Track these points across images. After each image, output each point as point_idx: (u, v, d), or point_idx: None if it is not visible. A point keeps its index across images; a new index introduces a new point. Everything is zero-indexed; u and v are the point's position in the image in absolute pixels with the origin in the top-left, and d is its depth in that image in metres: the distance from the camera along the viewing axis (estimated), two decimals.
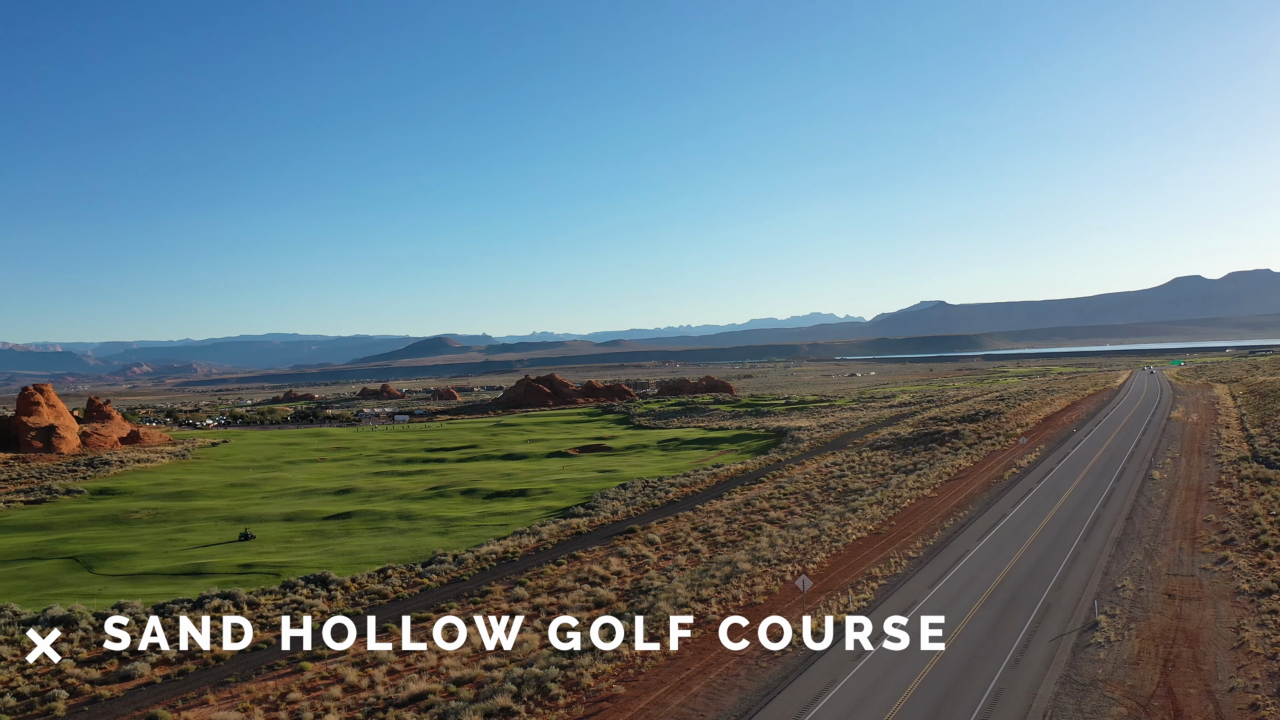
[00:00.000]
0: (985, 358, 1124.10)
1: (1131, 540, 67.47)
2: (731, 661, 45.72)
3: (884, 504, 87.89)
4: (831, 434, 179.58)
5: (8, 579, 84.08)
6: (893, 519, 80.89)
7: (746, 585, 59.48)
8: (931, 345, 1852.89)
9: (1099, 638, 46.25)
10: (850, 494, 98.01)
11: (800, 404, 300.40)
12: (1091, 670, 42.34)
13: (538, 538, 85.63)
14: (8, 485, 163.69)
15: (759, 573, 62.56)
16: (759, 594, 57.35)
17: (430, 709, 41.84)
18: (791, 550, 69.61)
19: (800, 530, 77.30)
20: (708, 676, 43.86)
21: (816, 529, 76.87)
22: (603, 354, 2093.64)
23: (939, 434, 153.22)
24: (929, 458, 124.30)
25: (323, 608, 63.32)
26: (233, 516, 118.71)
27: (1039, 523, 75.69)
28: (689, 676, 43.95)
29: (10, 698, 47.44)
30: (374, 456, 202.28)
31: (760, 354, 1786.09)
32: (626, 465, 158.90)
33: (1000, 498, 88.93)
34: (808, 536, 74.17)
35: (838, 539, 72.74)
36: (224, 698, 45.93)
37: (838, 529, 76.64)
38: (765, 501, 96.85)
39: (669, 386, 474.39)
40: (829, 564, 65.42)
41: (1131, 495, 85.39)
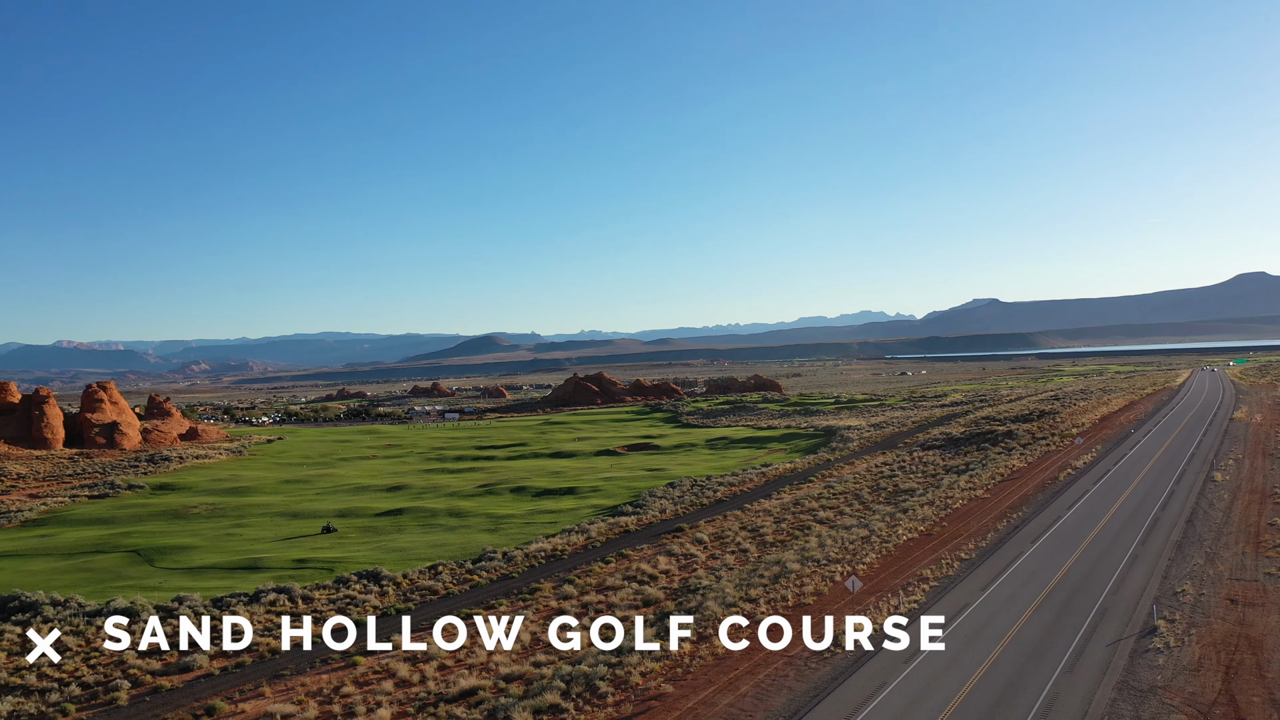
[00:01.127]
0: (1040, 356, 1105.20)
1: (1192, 544, 65.86)
2: (780, 662, 45.51)
3: (935, 504, 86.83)
4: (882, 433, 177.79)
5: (73, 571, 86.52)
6: (944, 520, 79.87)
7: (795, 585, 59.15)
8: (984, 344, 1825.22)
9: (1158, 643, 45.23)
10: (901, 494, 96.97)
11: (850, 403, 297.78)
12: (1150, 676, 41.43)
13: (586, 536, 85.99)
14: (73, 480, 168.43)
15: (808, 573, 62.18)
16: (808, 594, 57.00)
17: (480, 705, 42.24)
18: (841, 551, 69.08)
19: (850, 530, 76.67)
20: (756, 677, 43.71)
21: (866, 529, 76.19)
22: (651, 352, 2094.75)
23: (992, 434, 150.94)
24: (981, 458, 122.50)
25: (375, 603, 64.24)
26: (287, 512, 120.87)
27: (1095, 525, 74.22)
28: (737, 677, 43.84)
29: (75, 687, 48.86)
30: (425, 454, 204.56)
31: (809, 352, 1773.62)
32: (674, 464, 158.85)
33: (1055, 499, 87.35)
34: (857, 537, 73.55)
35: (888, 540, 72.02)
36: (279, 690, 46.82)
37: (888, 529, 75.89)
38: (814, 501, 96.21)
39: (717, 385, 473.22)
40: (879, 565, 64.81)
41: (1192, 498, 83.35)
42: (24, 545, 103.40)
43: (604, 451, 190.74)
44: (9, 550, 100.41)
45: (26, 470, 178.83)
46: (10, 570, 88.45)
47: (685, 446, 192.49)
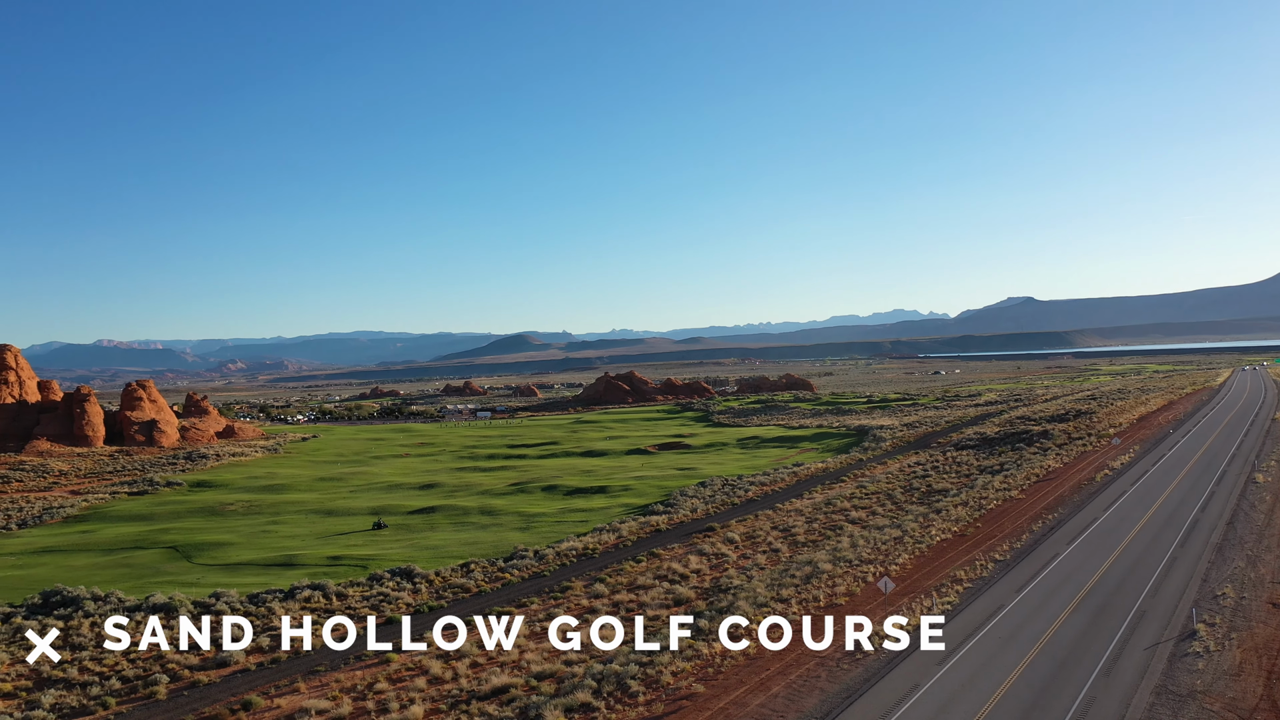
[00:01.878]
0: (1076, 355, 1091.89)
1: (1233, 546, 64.77)
2: (812, 663, 45.32)
3: (969, 505, 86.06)
4: (915, 433, 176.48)
5: (114, 567, 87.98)
6: (978, 521, 79.14)
7: (827, 586, 58.88)
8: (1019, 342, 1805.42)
9: (1197, 647, 44.54)
10: (934, 494, 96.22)
11: (882, 402, 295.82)
12: (1189, 681, 40.80)
13: (617, 535, 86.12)
14: (113, 477, 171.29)
15: (840, 573, 61.87)
16: (840, 595, 56.72)
17: (512, 702, 42.44)
18: (873, 551, 68.67)
19: (882, 531, 76.20)
20: (788, 677, 43.57)
21: (899, 530, 75.68)
22: (682, 351, 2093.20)
23: (1027, 434, 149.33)
24: (1016, 458, 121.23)
25: (408, 600, 64.75)
26: (322, 510, 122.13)
27: (1133, 527, 73.20)
28: (769, 677, 43.71)
29: (116, 680, 49.67)
30: (457, 452, 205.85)
31: (841, 351, 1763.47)
32: (706, 463, 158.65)
33: (1091, 500, 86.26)
34: (890, 537, 73.07)
35: (921, 540, 71.48)
36: (314, 686, 47.33)
37: (921, 530, 75.33)
38: (846, 501, 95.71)
39: (748, 384, 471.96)
40: (912, 566, 64.35)
41: (1233, 499, 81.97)
42: (66, 541, 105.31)
43: (635, 450, 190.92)
44: (52, 546, 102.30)
45: (68, 467, 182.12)
46: (53, 565, 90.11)
47: (716, 445, 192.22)
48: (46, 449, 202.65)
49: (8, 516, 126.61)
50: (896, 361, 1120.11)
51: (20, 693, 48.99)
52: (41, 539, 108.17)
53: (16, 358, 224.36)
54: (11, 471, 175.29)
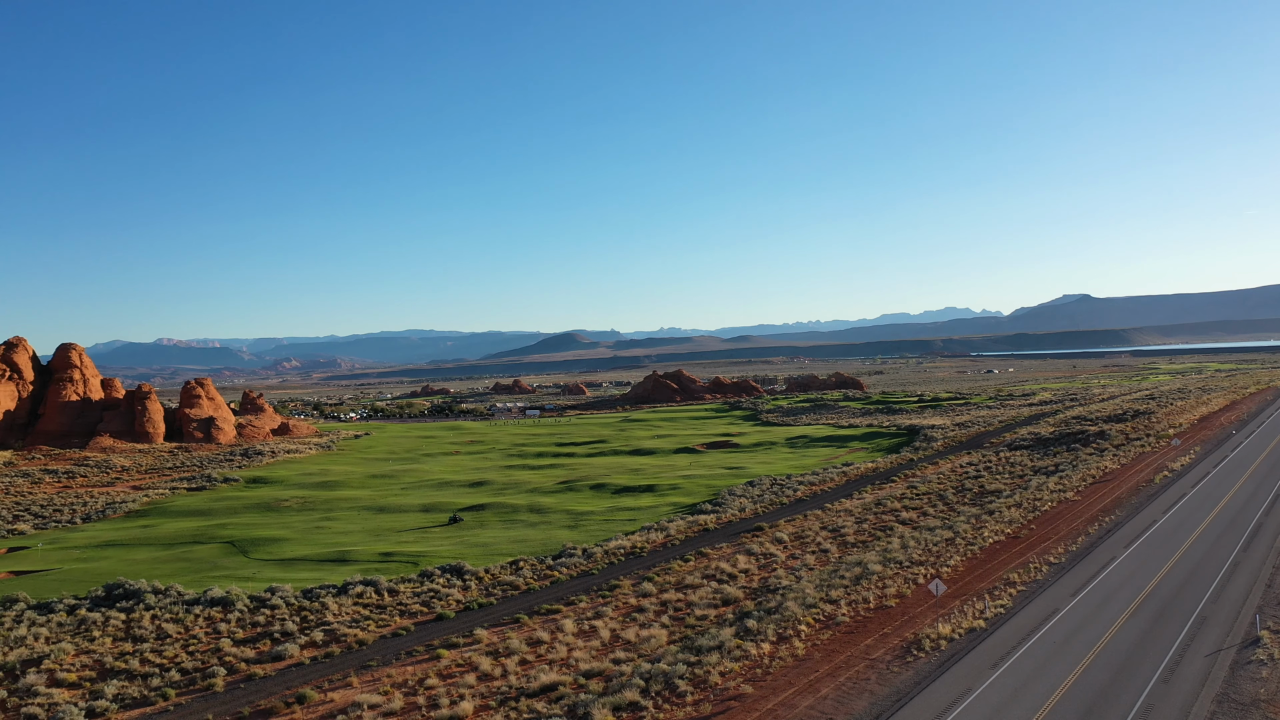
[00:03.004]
0: (1134, 354, 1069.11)
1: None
2: (861, 665, 44.92)
3: (1023, 506, 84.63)
4: (967, 433, 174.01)
5: (174, 561, 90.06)
6: (1032, 522, 77.80)
7: (877, 587, 58.30)
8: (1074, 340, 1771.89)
9: (1261, 655, 43.32)
10: (987, 495, 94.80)
11: (934, 401, 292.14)
12: (1252, 689, 39.71)
13: (665, 534, 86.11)
14: (173, 473, 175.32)
15: (890, 575, 61.23)
16: (890, 596, 56.13)
17: (560, 700, 42.63)
18: (924, 553, 67.84)
19: (933, 532, 75.24)
20: (837, 679, 43.23)
21: (951, 531, 74.67)
22: (730, 350, 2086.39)
23: (1083, 434, 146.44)
24: (1072, 459, 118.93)
25: (458, 597, 65.38)
26: (374, 506, 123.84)
27: (1193, 530, 71.43)
28: (818, 679, 43.41)
29: (175, 672, 50.83)
30: (506, 450, 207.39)
31: (892, 350, 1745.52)
32: (754, 462, 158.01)
33: (1150, 502, 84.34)
34: (941, 539, 72.14)
35: (973, 542, 70.45)
36: (366, 680, 48.00)
37: (973, 532, 74.26)
38: (897, 501, 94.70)
39: (797, 383, 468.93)
40: (964, 568, 63.44)
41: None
42: (128, 535, 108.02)
43: (683, 449, 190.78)
44: (115, 539, 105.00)
45: (130, 463, 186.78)
46: (115, 559, 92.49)
47: (765, 445, 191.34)
48: (110, 445, 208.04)
49: (73, 511, 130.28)
50: (948, 360, 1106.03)
51: (85, 683, 50.37)
52: (105, 533, 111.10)
53: (81, 356, 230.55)
54: (76, 467, 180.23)
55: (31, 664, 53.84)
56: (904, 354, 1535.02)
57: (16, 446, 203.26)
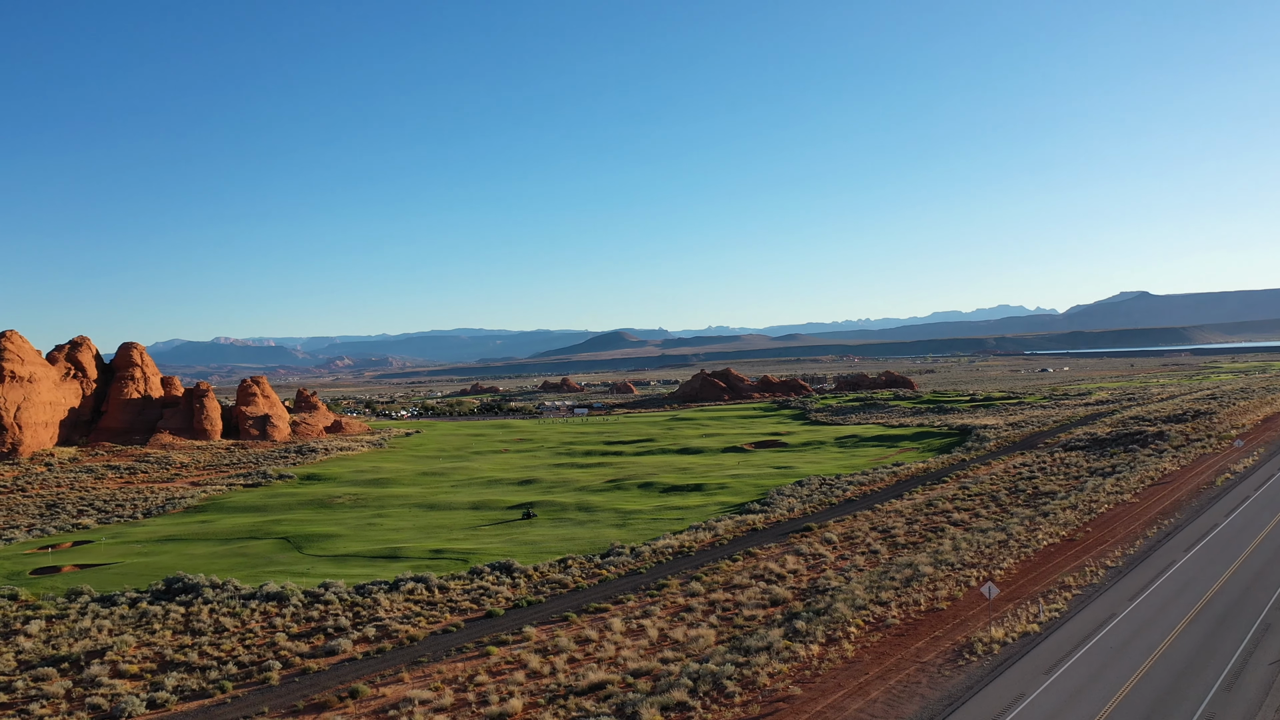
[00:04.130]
0: (1194, 352, 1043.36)
1: None
2: (912, 668, 44.45)
3: (1078, 508, 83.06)
4: (1020, 433, 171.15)
5: (230, 556, 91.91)
6: (1088, 525, 76.33)
7: (928, 589, 57.63)
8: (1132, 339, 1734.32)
9: None
10: (1041, 497, 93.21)
11: (986, 401, 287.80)
12: None
13: (713, 533, 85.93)
14: (229, 469, 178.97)
15: (941, 577, 60.49)
16: (941, 599, 55.45)
17: (609, 699, 42.76)
18: (976, 555, 66.90)
19: (986, 534, 74.18)
20: (887, 682, 42.82)
21: (1004, 533, 73.55)
22: (778, 348, 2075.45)
23: (1141, 434, 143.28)
24: (1129, 460, 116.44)
25: (507, 594, 65.89)
26: (424, 504, 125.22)
27: (1257, 533, 69.54)
28: (867, 681, 43.04)
29: (232, 665, 51.92)
30: (554, 448, 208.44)
31: (943, 348, 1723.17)
32: (803, 462, 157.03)
33: (1211, 505, 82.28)
34: (994, 541, 71.09)
35: (1027, 544, 69.33)
36: (417, 676, 48.60)
37: (1027, 534, 73.07)
38: (948, 502, 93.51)
39: (847, 382, 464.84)
40: (1017, 571, 62.46)
41: None
42: (187, 530, 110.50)
43: (731, 448, 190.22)
44: (174, 534, 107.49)
45: (189, 460, 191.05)
46: (175, 553, 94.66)
47: (814, 444, 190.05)
48: (169, 442, 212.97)
49: (134, 506, 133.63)
50: (1001, 359, 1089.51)
51: (146, 674, 51.66)
52: (164, 528, 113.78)
53: (142, 355, 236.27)
54: (137, 463, 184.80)
55: (95, 655, 55.34)
56: (956, 352, 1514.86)
57: (81, 443, 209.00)
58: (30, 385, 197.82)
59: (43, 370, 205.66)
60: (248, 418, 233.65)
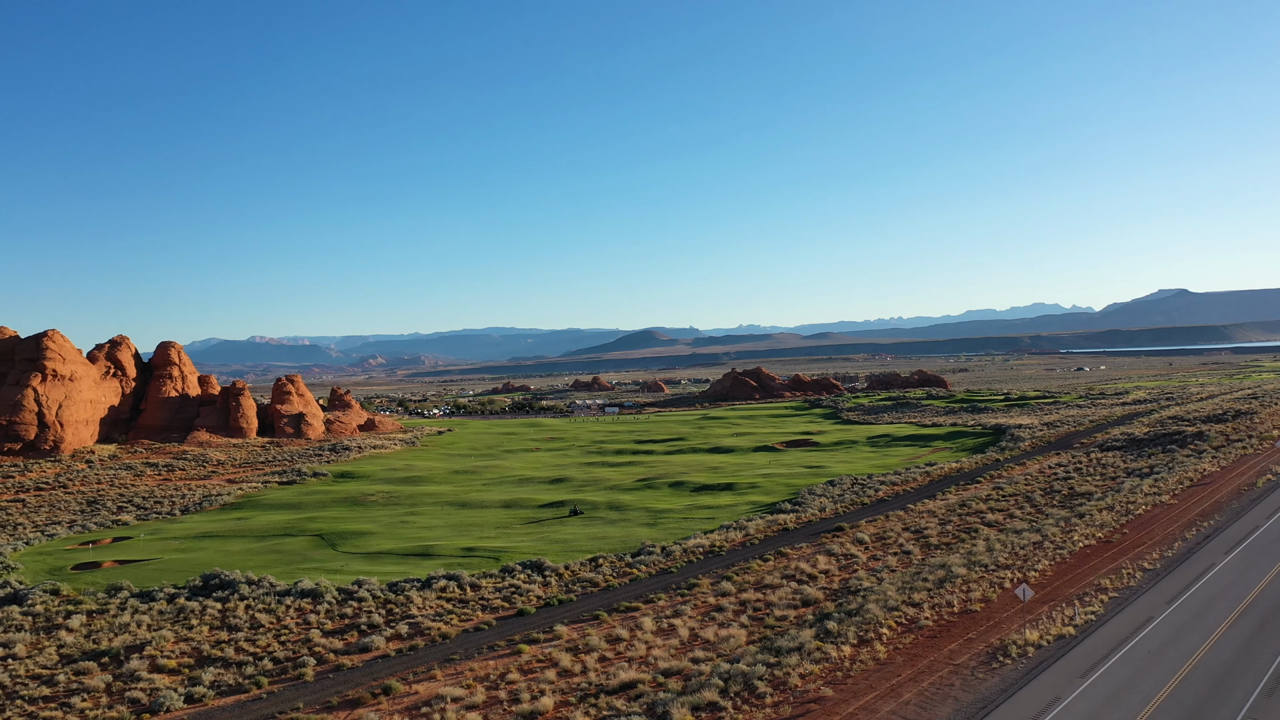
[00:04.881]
0: (1234, 351, 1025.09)
1: None
2: (945, 670, 44.10)
3: (1115, 510, 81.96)
4: (1056, 432, 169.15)
5: (266, 553, 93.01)
6: (1125, 526, 75.29)
7: (962, 591, 57.14)
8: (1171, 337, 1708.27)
9: None
10: (1077, 498, 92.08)
11: (1021, 400, 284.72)
12: None
13: (744, 533, 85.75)
14: (265, 467, 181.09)
15: (975, 578, 59.95)
16: (975, 601, 54.95)
17: (639, 698, 42.81)
18: (1011, 556, 66.24)
19: (1021, 535, 73.41)
20: (920, 684, 42.52)
21: (1039, 534, 72.75)
22: (810, 347, 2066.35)
23: (1180, 435, 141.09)
24: (1167, 460, 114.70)
25: (538, 593, 66.15)
26: (456, 502, 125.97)
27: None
28: (900, 683, 42.76)
29: (268, 661, 52.57)
30: (585, 447, 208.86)
31: (977, 347, 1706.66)
32: (834, 461, 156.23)
33: (1253, 507, 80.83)
34: (1029, 542, 70.33)
35: (1062, 546, 68.52)
36: (449, 674, 48.93)
37: (1062, 535, 72.21)
38: (982, 503, 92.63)
39: (879, 380, 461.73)
40: (1052, 572, 61.76)
41: None
42: (223, 527, 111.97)
43: (762, 447, 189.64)
44: (211, 531, 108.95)
45: (225, 457, 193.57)
46: (212, 550, 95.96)
47: (845, 444, 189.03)
48: (206, 439, 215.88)
49: (172, 503, 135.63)
50: (1036, 357, 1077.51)
51: (184, 669, 52.45)
52: (202, 524, 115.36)
53: (179, 354, 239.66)
54: (175, 460, 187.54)
55: (135, 650, 56.27)
56: (990, 351, 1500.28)
57: (120, 440, 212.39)
58: (71, 384, 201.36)
59: (83, 369, 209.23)
60: (283, 416, 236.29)
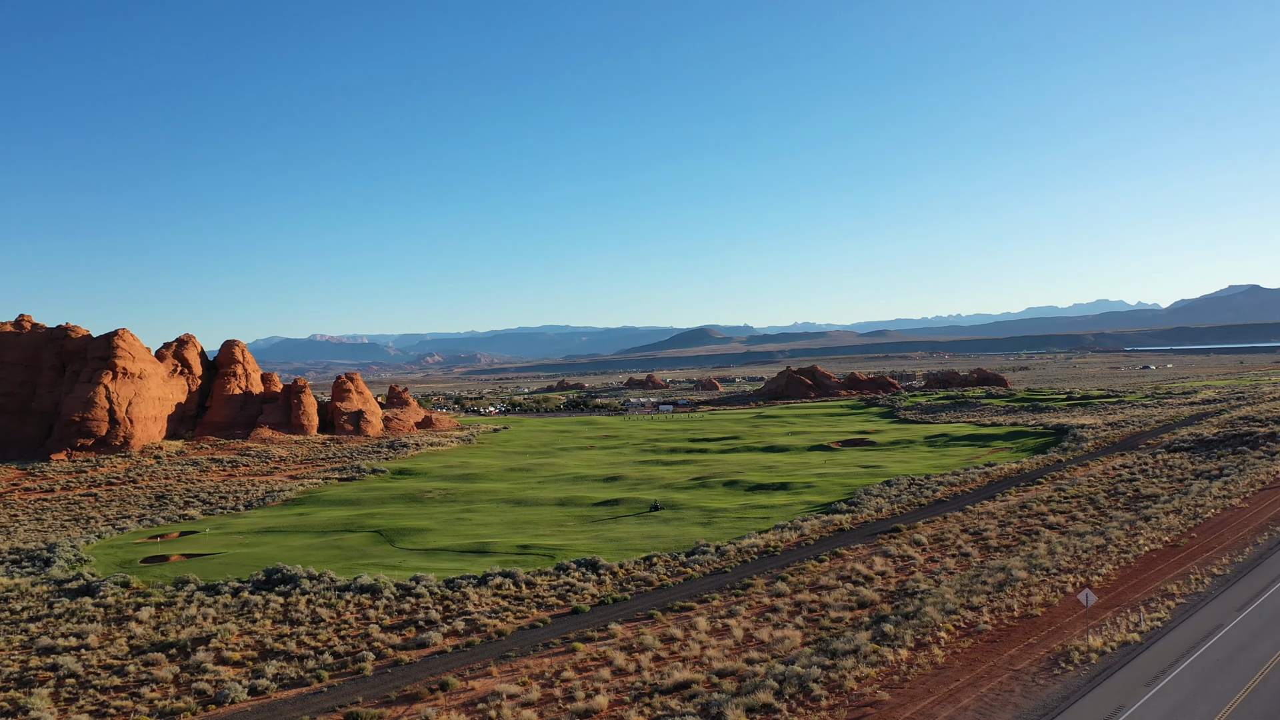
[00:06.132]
0: None
1: None
2: (1005, 675, 43.36)
3: (1183, 513, 79.81)
4: (1120, 433, 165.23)
5: (327, 548, 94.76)
6: (1193, 530, 73.28)
7: (1022, 595, 56.12)
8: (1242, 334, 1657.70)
9: None
10: (1142, 500, 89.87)
11: (1084, 399, 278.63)
12: None
13: (799, 533, 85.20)
14: (325, 464, 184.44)
15: (1036, 582, 58.84)
16: (1036, 605, 53.93)
17: (693, 699, 42.76)
18: (1073, 560, 64.88)
19: (1083, 538, 71.86)
20: (979, 690, 41.86)
21: (1102, 537, 71.15)
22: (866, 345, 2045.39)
23: (1251, 435, 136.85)
24: (1238, 462, 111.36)
25: (593, 591, 66.43)
26: (512, 499, 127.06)
27: None
28: (958, 688, 42.15)
29: (328, 655, 53.56)
30: (640, 445, 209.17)
31: (1038, 345, 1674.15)
32: (891, 461, 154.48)
33: None
34: (1092, 545, 68.82)
35: (1127, 550, 66.94)
36: (505, 671, 49.37)
37: (1127, 539, 70.54)
38: (1043, 505, 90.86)
39: (936, 379, 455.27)
40: (1116, 577, 60.35)
41: None
42: (285, 522, 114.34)
43: (817, 446, 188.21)
44: (274, 526, 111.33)
45: (287, 454, 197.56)
46: (274, 545, 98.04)
47: (902, 443, 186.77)
48: (268, 436, 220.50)
49: (236, 498, 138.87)
50: (1099, 355, 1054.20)
51: (247, 662, 53.66)
52: (265, 519, 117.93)
53: (243, 352, 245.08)
54: (239, 456, 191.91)
55: (200, 642, 57.73)
56: (1051, 349, 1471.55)
57: (187, 436, 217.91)
58: (140, 381, 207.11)
59: (152, 367, 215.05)
60: (342, 413, 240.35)
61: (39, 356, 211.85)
